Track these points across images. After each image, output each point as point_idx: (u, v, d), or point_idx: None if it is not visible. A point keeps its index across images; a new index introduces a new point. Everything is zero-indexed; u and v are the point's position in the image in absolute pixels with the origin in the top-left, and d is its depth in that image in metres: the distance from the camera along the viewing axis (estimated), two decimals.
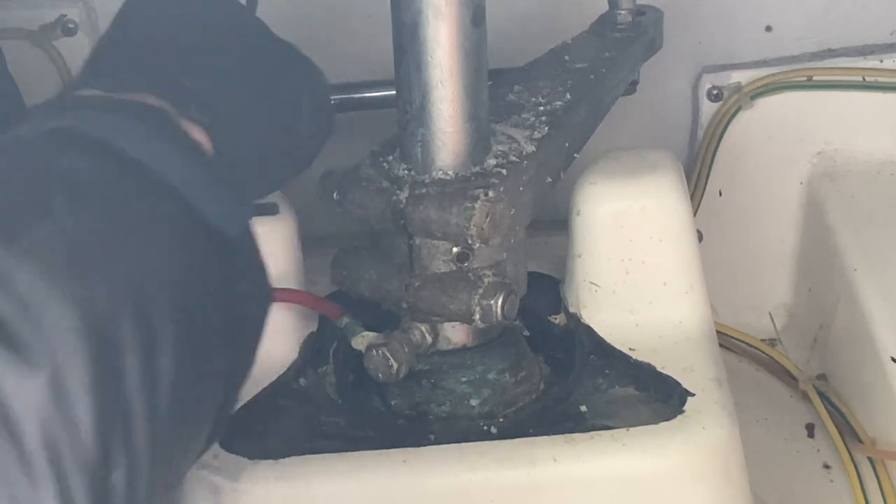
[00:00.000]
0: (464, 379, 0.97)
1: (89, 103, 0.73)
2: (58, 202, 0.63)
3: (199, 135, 0.75)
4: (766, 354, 1.24)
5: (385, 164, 0.93)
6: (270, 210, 0.98)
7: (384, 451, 0.93)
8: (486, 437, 0.94)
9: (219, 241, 0.71)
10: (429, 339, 0.94)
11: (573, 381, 0.99)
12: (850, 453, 1.12)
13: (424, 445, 0.93)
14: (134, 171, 0.68)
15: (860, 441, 1.12)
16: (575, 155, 1.01)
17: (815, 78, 1.26)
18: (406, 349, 0.91)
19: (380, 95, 1.17)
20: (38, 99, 0.74)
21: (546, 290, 1.07)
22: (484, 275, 0.92)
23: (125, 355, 0.62)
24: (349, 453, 0.93)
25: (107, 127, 0.69)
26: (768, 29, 1.27)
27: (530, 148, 0.95)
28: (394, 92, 0.92)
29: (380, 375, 0.91)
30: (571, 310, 1.04)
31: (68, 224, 0.63)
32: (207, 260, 0.70)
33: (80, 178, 0.66)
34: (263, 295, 0.77)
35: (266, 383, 1.00)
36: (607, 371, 0.99)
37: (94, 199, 0.65)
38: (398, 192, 0.91)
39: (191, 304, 0.67)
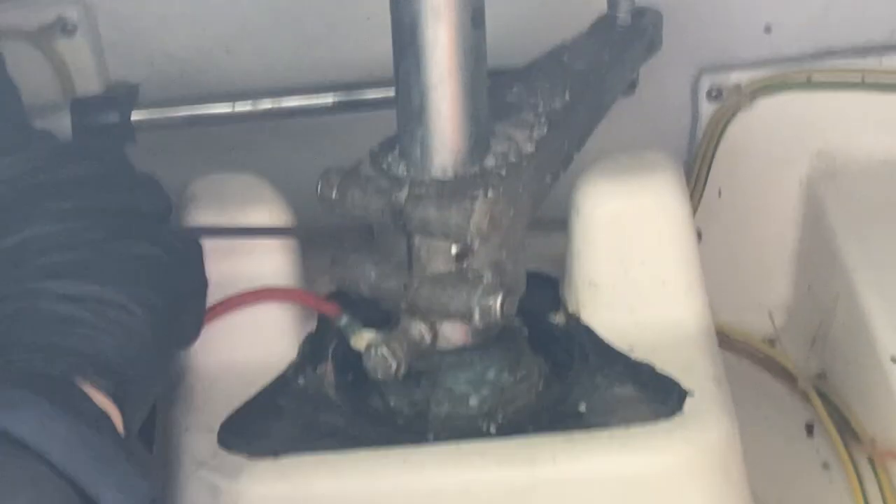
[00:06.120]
0: (463, 378, 0.97)
1: None
2: None
3: (102, 399, 0.74)
4: (766, 354, 1.24)
5: (384, 164, 0.93)
6: None
7: (384, 450, 0.93)
8: (486, 436, 0.94)
9: None
10: (428, 338, 0.94)
11: (572, 381, 0.99)
12: (849, 453, 1.12)
13: (424, 444, 0.93)
14: (20, 462, 0.67)
15: (859, 440, 1.11)
16: (574, 155, 1.01)
17: (814, 78, 1.25)
18: (405, 348, 0.91)
19: (380, 95, 1.17)
20: (37, 99, 0.73)
21: (545, 289, 1.07)
22: (483, 274, 0.92)
23: None
24: (348, 452, 0.93)
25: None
26: (767, 29, 1.27)
27: (529, 148, 0.95)
28: (393, 92, 0.93)
29: (379, 374, 0.91)
30: (570, 309, 1.04)
31: None
32: None
33: None
34: None
35: (265, 383, 1.00)
36: (606, 370, 1.00)
37: None
38: (397, 191, 0.91)
39: None
